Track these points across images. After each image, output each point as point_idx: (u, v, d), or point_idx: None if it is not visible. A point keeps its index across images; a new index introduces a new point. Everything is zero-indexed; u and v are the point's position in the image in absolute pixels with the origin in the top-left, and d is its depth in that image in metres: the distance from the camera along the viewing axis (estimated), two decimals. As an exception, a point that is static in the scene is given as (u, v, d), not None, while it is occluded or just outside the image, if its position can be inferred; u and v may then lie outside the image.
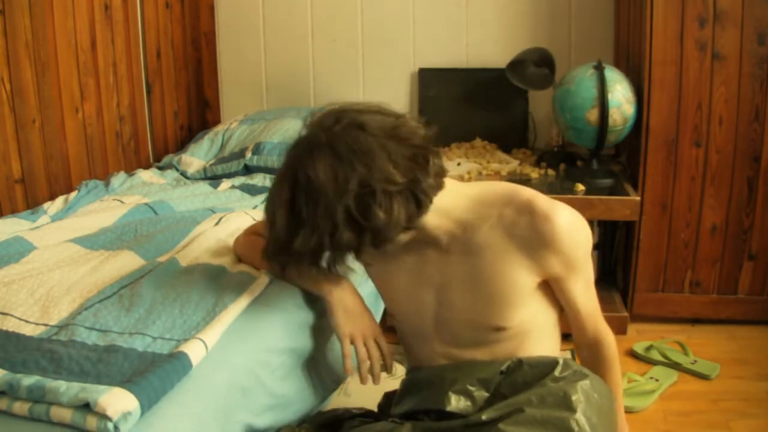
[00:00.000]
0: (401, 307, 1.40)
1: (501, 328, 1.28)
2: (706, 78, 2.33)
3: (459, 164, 2.63)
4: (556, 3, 2.93)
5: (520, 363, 1.26)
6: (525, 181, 2.48)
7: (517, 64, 2.74)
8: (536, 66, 2.71)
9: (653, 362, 2.28)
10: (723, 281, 2.47)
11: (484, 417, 1.18)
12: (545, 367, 1.25)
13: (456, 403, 1.25)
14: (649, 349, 2.32)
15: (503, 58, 2.82)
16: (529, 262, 1.24)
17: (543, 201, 1.23)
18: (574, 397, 1.18)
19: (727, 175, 2.39)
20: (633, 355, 2.33)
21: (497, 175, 2.54)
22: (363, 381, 1.40)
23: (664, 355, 2.27)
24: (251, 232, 1.61)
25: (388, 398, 1.47)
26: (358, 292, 1.45)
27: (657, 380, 2.15)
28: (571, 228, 1.22)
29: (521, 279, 1.25)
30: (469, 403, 1.25)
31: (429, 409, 1.29)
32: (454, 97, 2.99)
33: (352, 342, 1.38)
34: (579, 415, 1.15)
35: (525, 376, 1.24)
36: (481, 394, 1.25)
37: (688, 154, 2.39)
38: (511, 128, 2.96)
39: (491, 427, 1.15)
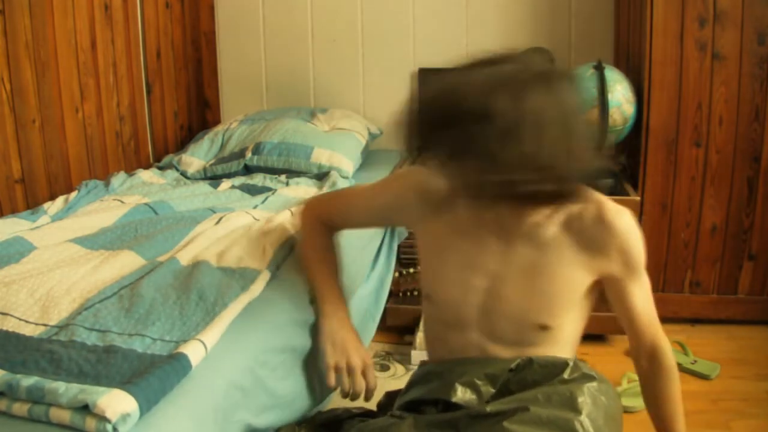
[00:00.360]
0: (446, 291, 1.36)
1: (546, 326, 1.27)
2: (706, 78, 2.33)
3: (459, 164, 2.63)
4: (556, 3, 2.93)
5: (530, 361, 1.26)
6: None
7: (517, 64, 2.73)
8: (536, 66, 2.70)
9: (653, 362, 2.28)
10: (723, 281, 2.47)
11: (488, 409, 1.19)
12: (555, 367, 1.24)
13: (462, 394, 1.25)
14: (649, 349, 2.32)
15: (503, 58, 2.81)
16: (589, 258, 1.25)
17: (612, 202, 1.25)
18: (580, 399, 1.18)
19: (727, 175, 2.39)
20: (633, 355, 2.33)
21: (497, 175, 2.54)
22: (344, 397, 1.43)
23: (664, 355, 2.27)
24: (320, 218, 1.59)
25: (390, 397, 1.47)
26: (350, 325, 1.45)
27: (657, 380, 2.15)
28: (635, 231, 1.24)
29: (578, 277, 1.26)
30: (474, 396, 1.25)
31: (436, 400, 1.29)
32: (454, 97, 2.99)
33: (337, 371, 1.39)
34: (584, 417, 1.15)
35: (534, 375, 1.24)
36: (488, 389, 1.25)
37: (688, 154, 2.39)
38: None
39: (495, 423, 1.15)
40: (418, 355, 2.27)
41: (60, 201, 2.11)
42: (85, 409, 1.04)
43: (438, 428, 1.21)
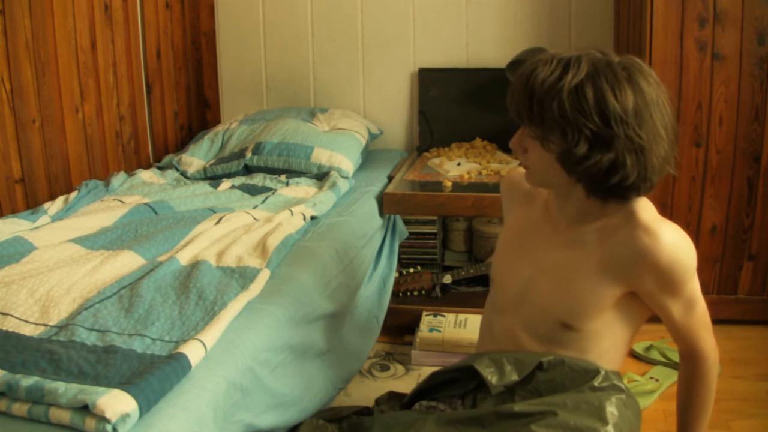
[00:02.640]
0: (501, 273, 1.41)
1: (569, 326, 1.28)
2: (706, 78, 2.32)
3: (459, 164, 2.63)
4: (556, 3, 2.93)
5: (561, 362, 1.26)
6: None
7: (517, 64, 2.74)
8: (536, 66, 2.70)
9: (653, 362, 2.28)
10: (723, 281, 2.47)
11: (516, 408, 1.19)
12: (586, 374, 1.24)
13: (486, 367, 1.26)
14: (649, 349, 2.32)
15: (503, 58, 2.82)
16: (616, 270, 1.23)
17: (649, 215, 1.23)
18: (608, 409, 1.18)
19: (727, 175, 2.39)
20: (633, 355, 2.33)
21: (497, 175, 2.54)
22: None
23: (664, 355, 2.27)
24: None
25: (390, 396, 1.47)
26: None
27: (657, 380, 2.15)
28: (673, 248, 1.20)
29: (605, 288, 1.25)
30: (497, 376, 1.26)
31: (464, 393, 1.30)
32: (454, 97, 2.99)
33: None
34: (610, 428, 1.16)
35: (564, 378, 1.24)
36: (512, 375, 1.26)
37: (688, 154, 2.39)
38: (511, 128, 2.94)
39: (522, 425, 1.16)
40: (418, 355, 2.27)
41: (60, 201, 2.11)
42: (85, 409, 1.04)
43: (463, 425, 1.21)
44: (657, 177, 1.22)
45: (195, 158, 2.68)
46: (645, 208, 1.25)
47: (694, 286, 1.27)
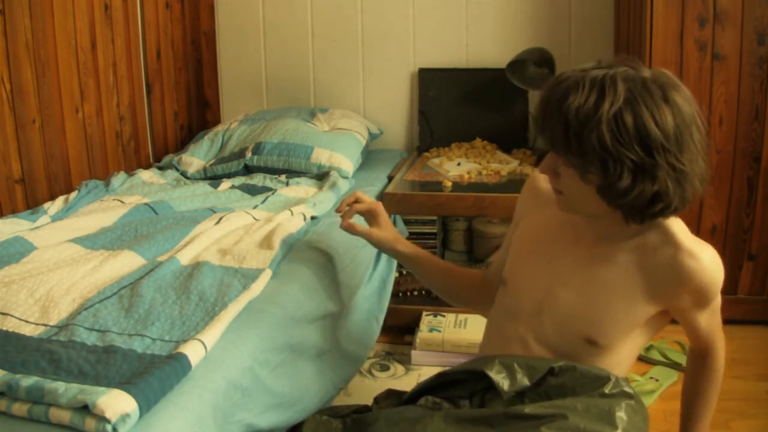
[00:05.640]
0: (515, 277, 1.39)
1: (593, 342, 1.27)
2: (706, 78, 2.33)
3: (459, 164, 2.63)
4: (556, 3, 2.93)
5: (573, 368, 1.25)
6: (525, 181, 2.47)
7: (517, 64, 2.74)
8: (536, 66, 2.72)
9: (653, 362, 2.28)
10: (723, 281, 2.47)
11: (526, 410, 1.19)
12: (598, 380, 1.24)
13: (498, 373, 1.25)
14: (649, 349, 2.32)
15: (503, 58, 2.82)
16: (657, 292, 1.23)
17: (689, 236, 1.23)
18: (618, 414, 1.18)
19: (727, 175, 2.39)
20: (633, 355, 2.33)
21: (497, 175, 2.54)
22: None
23: (664, 355, 2.28)
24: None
25: (389, 394, 1.47)
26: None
27: (657, 380, 2.15)
28: (713, 268, 1.21)
29: (640, 306, 1.24)
30: (508, 381, 1.25)
31: (471, 393, 1.30)
32: (454, 97, 2.99)
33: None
34: None
35: (575, 383, 1.24)
36: (523, 380, 1.25)
37: (688, 154, 2.39)
38: (511, 128, 2.96)
39: (532, 426, 1.15)
40: (418, 355, 2.27)
41: (60, 201, 2.11)
42: (85, 409, 1.04)
43: (471, 423, 1.20)
44: (696, 197, 1.20)
45: (195, 158, 2.68)
46: (680, 225, 1.24)
47: (719, 297, 1.28)
